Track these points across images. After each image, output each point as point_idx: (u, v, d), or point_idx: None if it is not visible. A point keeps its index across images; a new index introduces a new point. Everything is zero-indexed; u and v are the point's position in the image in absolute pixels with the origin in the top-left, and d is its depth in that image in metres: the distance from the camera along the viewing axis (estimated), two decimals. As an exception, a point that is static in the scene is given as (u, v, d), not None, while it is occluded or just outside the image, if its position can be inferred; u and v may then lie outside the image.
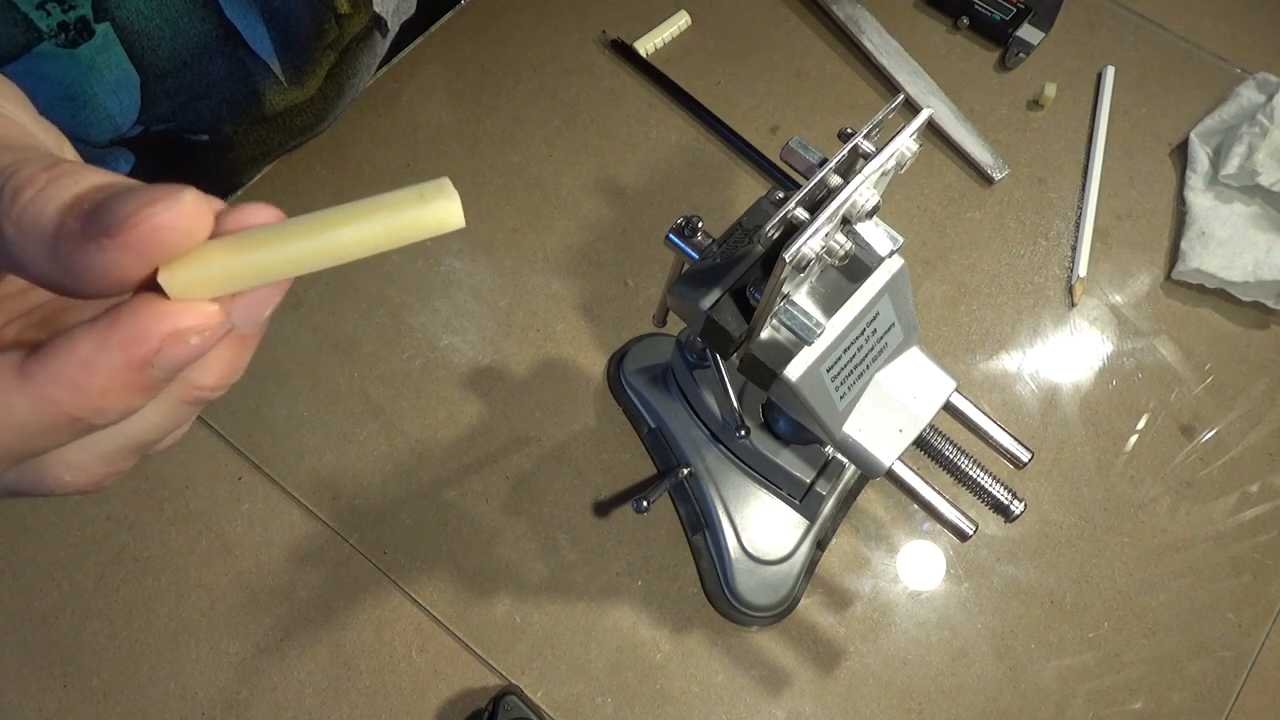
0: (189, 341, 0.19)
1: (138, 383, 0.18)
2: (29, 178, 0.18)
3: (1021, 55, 0.74)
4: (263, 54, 0.56)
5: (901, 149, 0.34)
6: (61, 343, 0.18)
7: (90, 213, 0.18)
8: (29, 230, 0.18)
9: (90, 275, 0.18)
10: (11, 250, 0.18)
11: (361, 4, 0.60)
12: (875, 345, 0.40)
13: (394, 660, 0.55)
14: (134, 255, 0.18)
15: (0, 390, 0.18)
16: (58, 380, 0.18)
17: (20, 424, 0.18)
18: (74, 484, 0.22)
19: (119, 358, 0.18)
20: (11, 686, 0.54)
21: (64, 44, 0.47)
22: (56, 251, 0.18)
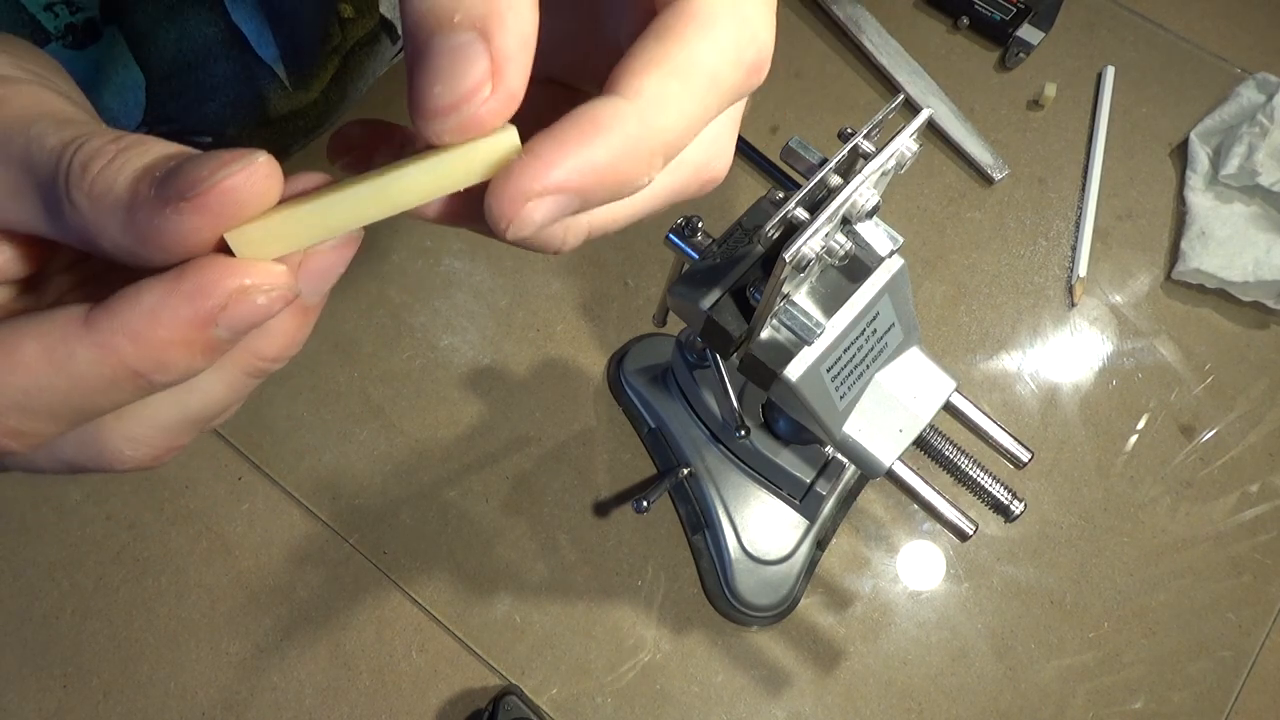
0: (255, 300, 0.18)
1: (201, 340, 0.18)
2: (97, 149, 0.18)
3: (1021, 55, 0.74)
4: (268, 58, 0.56)
5: (901, 149, 0.34)
6: (128, 292, 0.18)
7: (164, 179, 0.17)
8: (101, 201, 0.18)
9: (164, 240, 0.18)
10: (83, 223, 0.18)
11: (366, 9, 0.60)
12: (875, 345, 0.40)
13: (394, 660, 0.55)
14: (209, 217, 0.17)
15: (63, 338, 0.18)
16: (122, 330, 0.18)
17: (82, 375, 0.18)
18: (134, 458, 0.22)
19: (185, 309, 0.18)
20: (11, 686, 0.54)
21: (71, 45, 0.47)
22: (131, 219, 0.18)
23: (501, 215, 0.18)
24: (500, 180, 0.18)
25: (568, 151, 0.18)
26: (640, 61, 0.18)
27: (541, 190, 0.18)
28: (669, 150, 0.19)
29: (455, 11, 0.17)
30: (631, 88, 0.18)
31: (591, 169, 0.18)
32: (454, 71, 0.18)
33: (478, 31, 0.18)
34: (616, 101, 0.18)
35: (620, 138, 0.18)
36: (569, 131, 0.18)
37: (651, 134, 0.18)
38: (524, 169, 0.18)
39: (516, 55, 0.18)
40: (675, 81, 0.18)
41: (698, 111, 0.19)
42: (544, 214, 0.18)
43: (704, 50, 0.18)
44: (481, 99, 0.18)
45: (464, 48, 0.18)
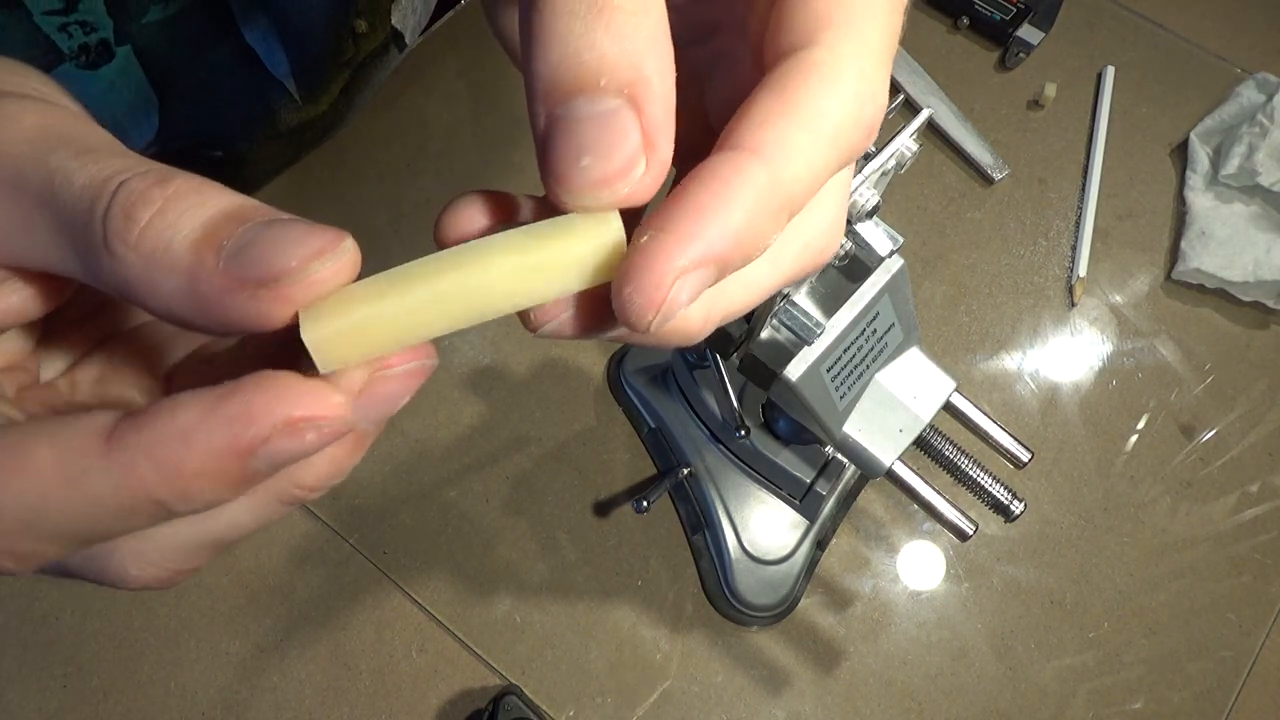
0: (304, 436, 0.16)
1: (235, 472, 0.16)
2: (141, 194, 0.16)
3: (1021, 55, 0.73)
4: (279, 74, 0.56)
5: (901, 149, 0.34)
6: (161, 408, 0.16)
7: (238, 255, 0.16)
8: (154, 260, 0.16)
9: (233, 321, 0.16)
10: (126, 276, 0.16)
11: (379, 23, 0.60)
12: (875, 345, 0.40)
13: (394, 660, 0.55)
14: (288, 308, 0.16)
15: (82, 452, 0.16)
16: (148, 452, 0.16)
17: (97, 497, 0.16)
18: (140, 579, 0.20)
19: (221, 437, 0.16)
20: (11, 686, 0.54)
21: (84, 65, 0.47)
22: (194, 291, 0.16)
23: (649, 302, 0.16)
24: (637, 265, 0.16)
25: (706, 219, 0.16)
26: (761, 113, 0.17)
27: (688, 265, 0.16)
28: (794, 205, 0.17)
29: (600, 74, 0.16)
30: (753, 140, 0.17)
31: (730, 234, 0.16)
32: (605, 142, 0.16)
33: (626, 98, 0.16)
34: (741, 156, 0.16)
35: (753, 196, 0.16)
36: (700, 195, 0.16)
37: (779, 188, 0.17)
38: (665, 245, 0.16)
39: (666, 124, 0.16)
40: (801, 134, 0.17)
41: (821, 167, 0.17)
42: (689, 292, 0.16)
43: (829, 104, 0.17)
44: (638, 175, 0.16)
45: (612, 116, 0.16)
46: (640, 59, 0.16)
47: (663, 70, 0.16)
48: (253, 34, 0.53)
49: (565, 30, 0.16)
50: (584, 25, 0.16)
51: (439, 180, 0.68)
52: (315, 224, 0.16)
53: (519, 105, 0.72)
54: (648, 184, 0.17)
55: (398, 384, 0.18)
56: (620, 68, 0.16)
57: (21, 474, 0.16)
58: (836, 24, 0.17)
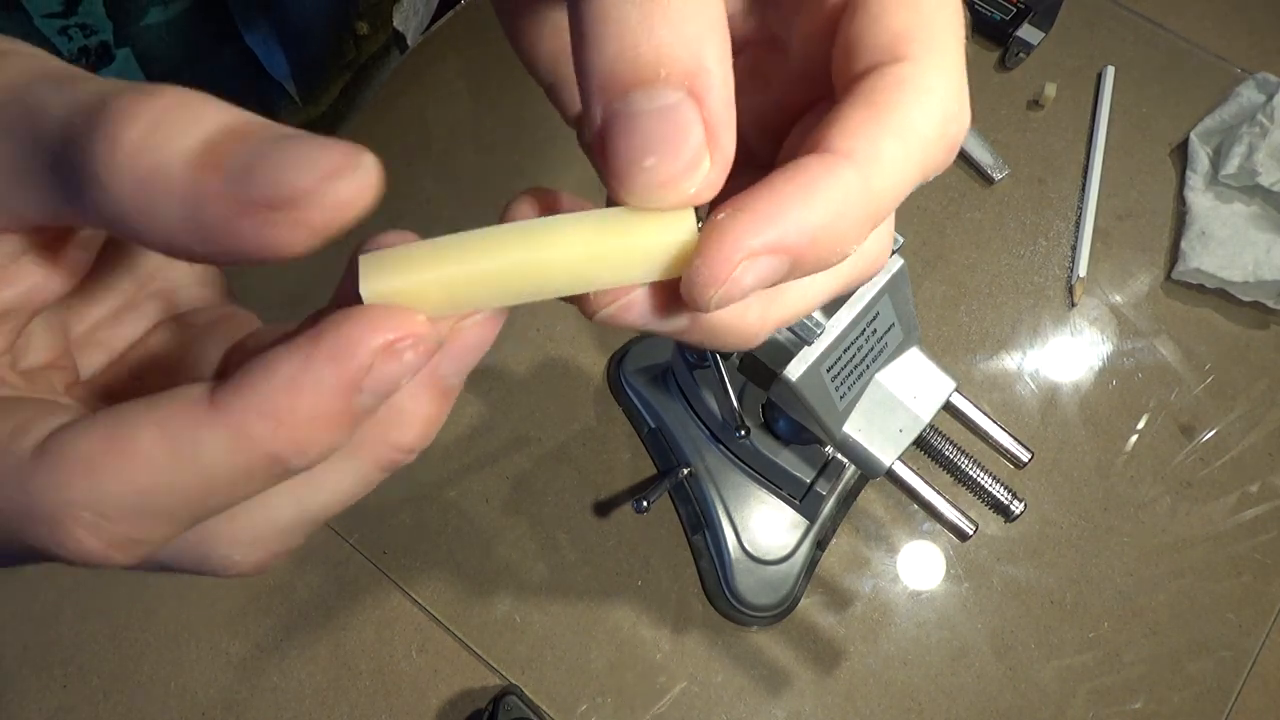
0: (403, 356, 0.16)
1: (346, 410, 0.15)
2: (126, 109, 0.14)
3: (1021, 55, 0.73)
4: (279, 76, 0.56)
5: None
6: (257, 366, 0.15)
7: (242, 175, 0.14)
8: (147, 183, 0.14)
9: (245, 249, 0.15)
10: (117, 207, 0.15)
11: (380, 25, 0.60)
12: (875, 345, 0.40)
13: (394, 660, 0.55)
14: (304, 230, 0.15)
15: (189, 426, 0.15)
16: (258, 407, 0.15)
17: (209, 467, 0.15)
18: (241, 564, 0.19)
19: (329, 374, 0.15)
20: (11, 686, 0.54)
21: (84, 68, 0.47)
22: (196, 217, 0.15)
23: (712, 277, 0.16)
24: (711, 237, 0.16)
25: (785, 206, 0.16)
26: (853, 122, 0.16)
27: (759, 248, 0.16)
28: (879, 215, 0.17)
29: (659, 65, 0.15)
30: (846, 145, 0.16)
31: (810, 228, 0.16)
32: (668, 139, 0.15)
33: (686, 90, 0.15)
34: (833, 158, 0.16)
35: (840, 196, 0.16)
36: (784, 186, 0.16)
37: (869, 196, 0.16)
38: (739, 223, 0.16)
39: (728, 117, 0.16)
40: (893, 144, 0.16)
41: (908, 181, 0.17)
42: (756, 277, 0.16)
43: (919, 118, 0.17)
44: (703, 173, 0.16)
45: (674, 110, 0.15)
46: (700, 49, 0.15)
47: (722, 60, 0.16)
48: (252, 36, 0.53)
49: (621, 20, 0.15)
50: (641, 14, 0.15)
51: (439, 180, 0.68)
52: (328, 139, 0.15)
53: (519, 105, 0.72)
54: (713, 180, 0.16)
55: (476, 334, 0.18)
56: (680, 59, 0.15)
57: (126, 458, 0.15)
58: (922, 40, 0.17)
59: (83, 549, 0.15)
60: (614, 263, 0.17)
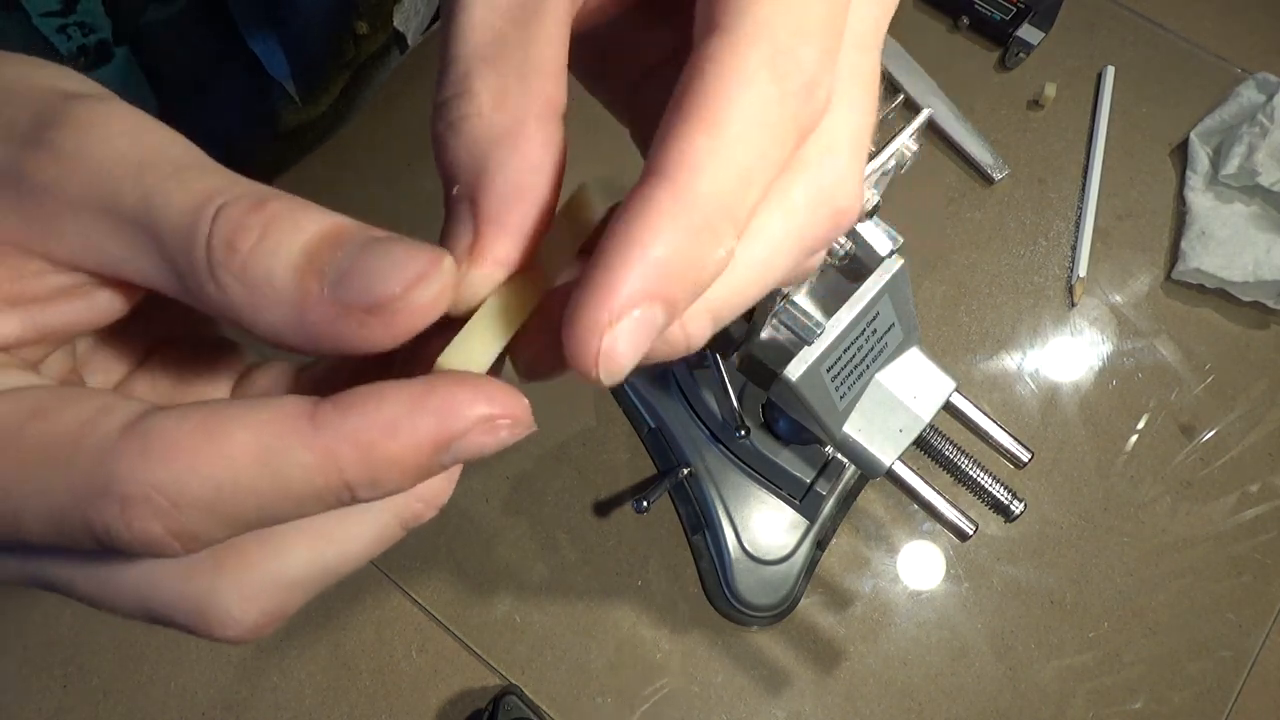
0: (498, 433, 0.16)
1: (427, 463, 0.16)
2: (240, 222, 0.16)
3: (1021, 55, 0.74)
4: (279, 76, 0.56)
5: (901, 149, 0.34)
6: (363, 395, 0.16)
7: (340, 281, 0.16)
8: (259, 290, 0.16)
9: (344, 346, 0.16)
10: (231, 304, 0.16)
11: (380, 24, 0.60)
12: (875, 345, 0.40)
13: (394, 660, 0.55)
14: (395, 331, 0.16)
15: (285, 434, 0.16)
16: (353, 437, 0.16)
17: (290, 479, 0.16)
18: (239, 623, 0.19)
19: (426, 427, 0.16)
20: (11, 686, 0.54)
21: (83, 67, 0.47)
22: (301, 320, 0.16)
23: (586, 363, 0.15)
24: (567, 325, 0.15)
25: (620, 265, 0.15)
26: (664, 128, 0.16)
27: (616, 314, 0.15)
28: (729, 215, 0.16)
29: (453, 180, 0.17)
30: (657, 161, 0.16)
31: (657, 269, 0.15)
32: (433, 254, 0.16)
33: (467, 200, 0.17)
34: (647, 183, 0.16)
35: (665, 222, 0.15)
36: (613, 240, 0.15)
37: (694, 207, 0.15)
38: (584, 303, 0.15)
39: (499, 218, 0.17)
40: (703, 137, 0.15)
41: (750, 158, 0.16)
42: (629, 343, 0.15)
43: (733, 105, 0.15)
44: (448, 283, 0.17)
45: (455, 226, 0.17)
46: (480, 160, 0.17)
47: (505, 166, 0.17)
48: (252, 36, 0.53)
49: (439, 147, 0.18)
50: (445, 139, 0.18)
51: (439, 180, 0.68)
52: (412, 243, 0.16)
53: (519, 105, 0.71)
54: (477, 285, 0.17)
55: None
56: (463, 170, 0.17)
57: (217, 452, 0.15)
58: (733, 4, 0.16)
59: (146, 532, 0.16)
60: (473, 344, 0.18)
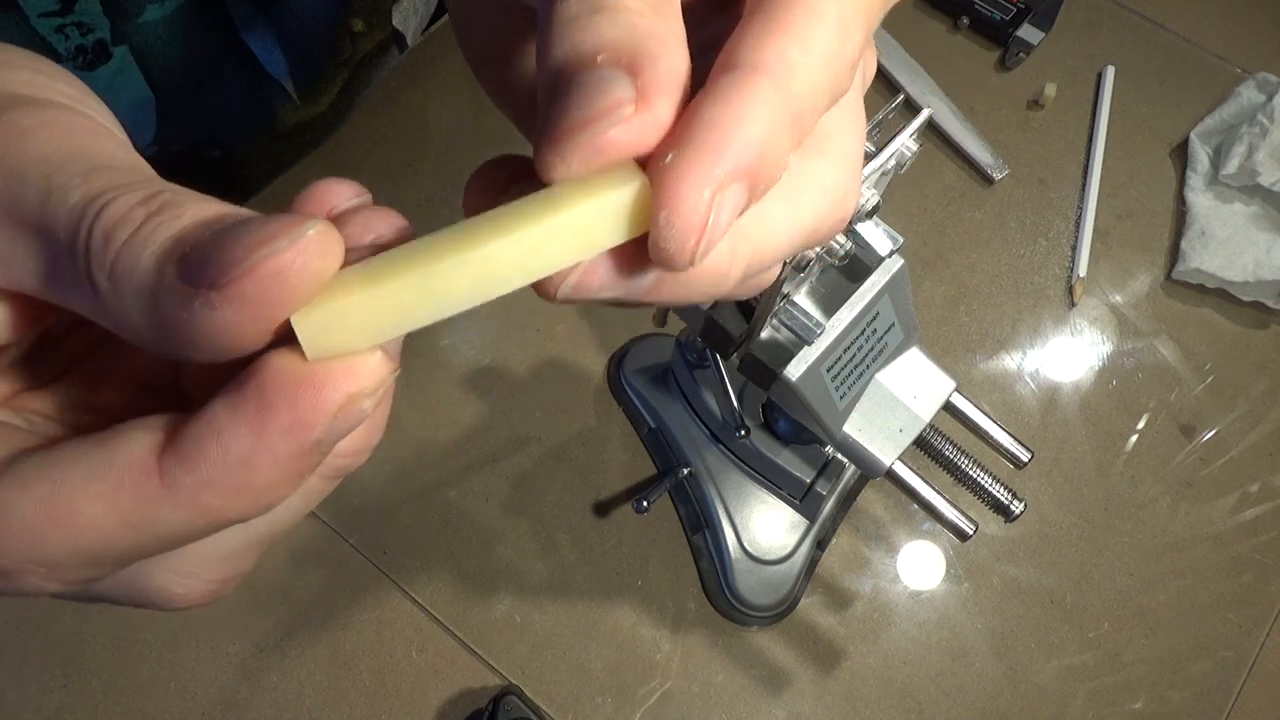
0: (361, 405, 0.15)
1: (303, 469, 0.15)
2: (124, 214, 0.15)
3: (1021, 55, 0.73)
4: (277, 75, 0.56)
5: (901, 149, 0.34)
6: (206, 438, 0.15)
7: (189, 257, 0.14)
8: (123, 282, 0.14)
9: (195, 339, 0.14)
10: (103, 305, 0.15)
11: (377, 22, 0.60)
12: (875, 345, 0.40)
13: (394, 660, 0.55)
14: (248, 312, 0.14)
15: (139, 502, 0.15)
16: (213, 486, 0.15)
17: (164, 530, 0.15)
18: (184, 597, 0.18)
19: (284, 448, 0.15)
20: (11, 686, 0.54)
21: (82, 66, 0.47)
22: (155, 310, 0.14)
23: (688, 227, 0.15)
24: (670, 185, 0.15)
25: (728, 131, 0.15)
26: (755, 36, 0.16)
27: (722, 179, 0.15)
28: (803, 123, 0.17)
29: (600, 51, 0.15)
30: (754, 58, 0.16)
31: (756, 145, 0.15)
32: (592, 94, 0.15)
33: (624, 67, 0.15)
34: (746, 72, 0.16)
35: (766, 107, 0.15)
36: (712, 110, 0.15)
37: (789, 101, 0.16)
38: (693, 160, 0.15)
39: (664, 85, 0.16)
40: (796, 52, 0.16)
41: (817, 89, 0.17)
42: (729, 212, 0.15)
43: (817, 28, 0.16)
44: (622, 115, 0.15)
45: (607, 79, 0.15)
46: (642, 42, 0.16)
47: (668, 47, 0.16)
48: (250, 34, 0.53)
49: (570, 28, 0.16)
50: (589, 21, 0.16)
51: (439, 180, 0.68)
52: (287, 214, 0.15)
53: (519, 105, 0.71)
54: (638, 130, 0.15)
55: None
56: (620, 47, 0.15)
57: (69, 528, 0.15)
58: None
59: (41, 589, 0.16)
60: (565, 237, 0.15)
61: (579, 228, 0.15)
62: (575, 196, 0.15)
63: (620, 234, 0.16)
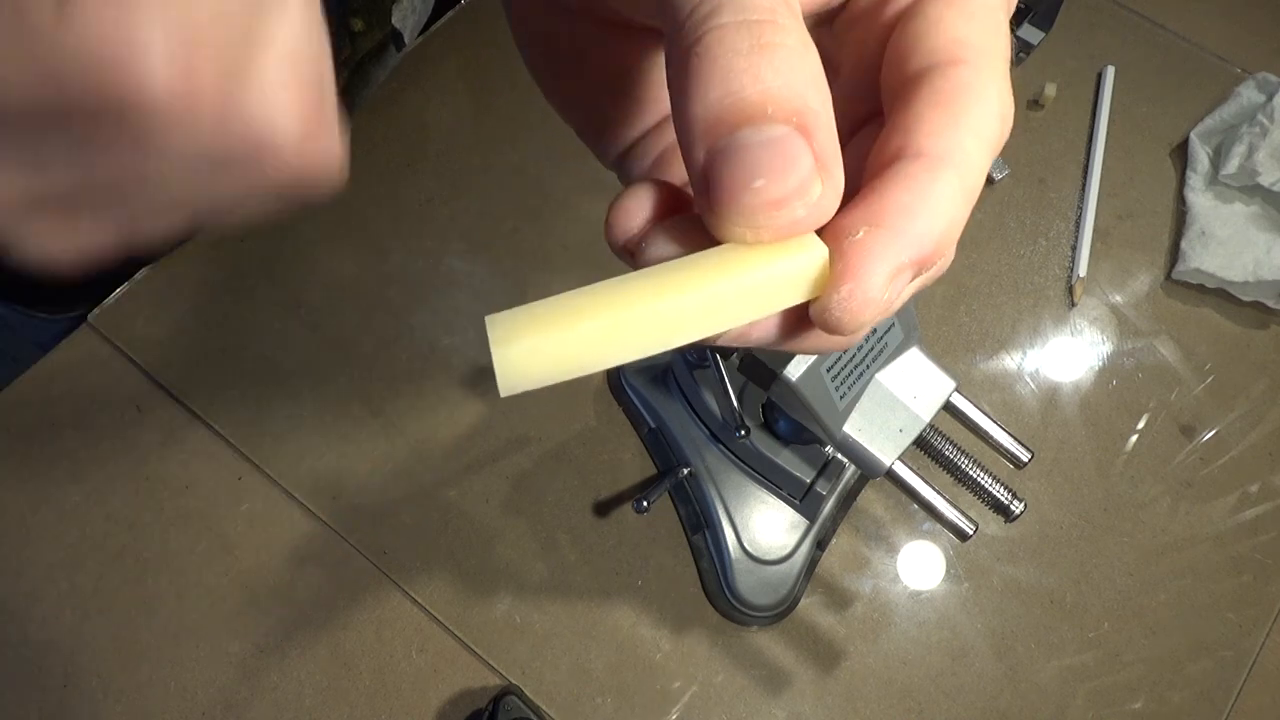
0: None
1: None
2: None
3: (1021, 55, 0.73)
4: None
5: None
6: None
7: None
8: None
9: None
10: None
11: (376, 21, 0.60)
12: (875, 345, 0.40)
13: (394, 660, 0.55)
14: None
15: None
16: None
17: None
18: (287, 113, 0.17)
19: None
20: (11, 686, 0.54)
21: None
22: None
23: (866, 302, 0.16)
24: (857, 261, 0.16)
25: (914, 217, 0.16)
26: (937, 122, 0.17)
27: (906, 263, 0.16)
28: (973, 202, 0.18)
29: (767, 104, 0.16)
30: (939, 148, 0.17)
31: (935, 234, 0.16)
32: (777, 163, 0.16)
33: (794, 125, 0.16)
34: (932, 161, 0.17)
35: (949, 198, 0.17)
36: (903, 195, 0.16)
37: (967, 194, 0.17)
38: (881, 241, 0.16)
39: (834, 151, 0.16)
40: (974, 142, 0.17)
41: (984, 176, 0.18)
42: (902, 293, 0.17)
43: (986, 116, 0.17)
44: (814, 196, 0.16)
45: (784, 140, 0.16)
46: (804, 91, 0.16)
47: (825, 103, 0.16)
48: None
49: (727, 67, 0.16)
50: (747, 61, 0.16)
51: (439, 180, 0.68)
52: None
53: (519, 105, 0.72)
54: (825, 206, 0.16)
55: None
56: (786, 99, 0.16)
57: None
58: (977, 44, 0.18)
59: None
60: (748, 297, 0.16)
61: (762, 289, 0.16)
62: (760, 259, 0.16)
63: (798, 297, 0.17)
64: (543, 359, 0.16)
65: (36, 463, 0.59)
